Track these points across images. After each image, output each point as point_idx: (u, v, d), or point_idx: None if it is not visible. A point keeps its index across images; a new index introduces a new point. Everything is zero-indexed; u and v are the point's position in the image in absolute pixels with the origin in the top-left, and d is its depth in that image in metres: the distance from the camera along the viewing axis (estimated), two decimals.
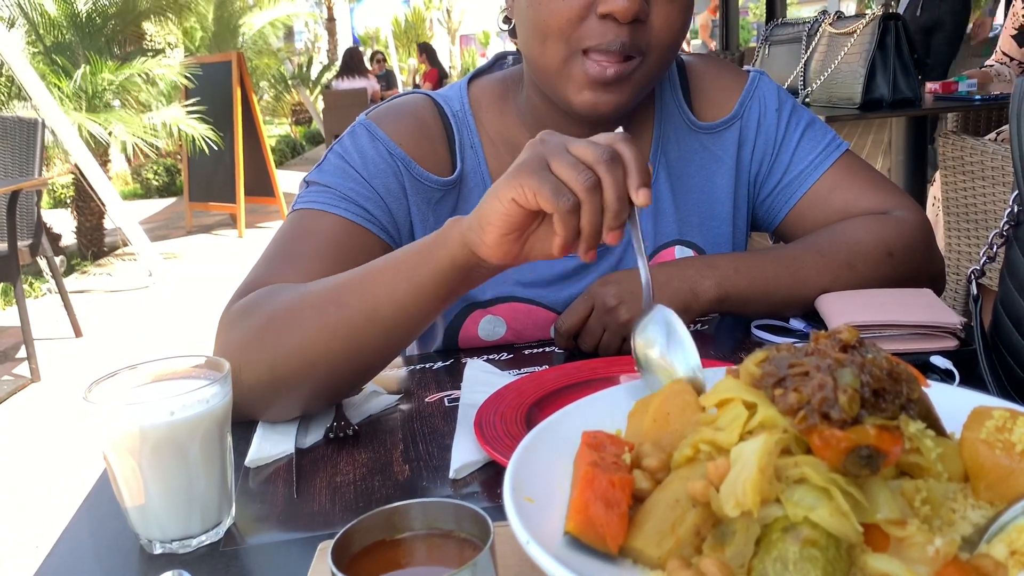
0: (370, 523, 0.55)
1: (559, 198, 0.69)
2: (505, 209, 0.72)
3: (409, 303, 0.82)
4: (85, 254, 6.54)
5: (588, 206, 0.70)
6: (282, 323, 0.86)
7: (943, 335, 0.91)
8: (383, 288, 0.82)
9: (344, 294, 0.84)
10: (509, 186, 0.72)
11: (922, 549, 0.44)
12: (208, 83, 7.12)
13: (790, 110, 1.18)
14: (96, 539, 0.73)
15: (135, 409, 0.66)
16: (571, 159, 0.71)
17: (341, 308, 0.84)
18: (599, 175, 0.70)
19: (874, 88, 2.75)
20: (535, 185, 0.70)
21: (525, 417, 0.84)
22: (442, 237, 0.79)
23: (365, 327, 0.83)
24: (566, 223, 0.70)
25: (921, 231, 1.11)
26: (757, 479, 0.45)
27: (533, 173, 0.71)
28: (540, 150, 0.73)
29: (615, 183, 0.70)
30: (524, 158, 0.73)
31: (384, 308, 0.82)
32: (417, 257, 0.81)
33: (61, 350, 4.33)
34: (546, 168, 0.71)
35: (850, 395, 0.46)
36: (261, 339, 0.85)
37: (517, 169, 0.72)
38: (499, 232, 0.74)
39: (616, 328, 1.01)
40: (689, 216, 1.15)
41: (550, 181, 0.70)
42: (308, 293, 0.87)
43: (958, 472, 0.53)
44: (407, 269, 0.81)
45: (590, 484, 0.49)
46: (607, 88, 0.97)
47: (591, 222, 0.70)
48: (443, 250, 0.79)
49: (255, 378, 0.84)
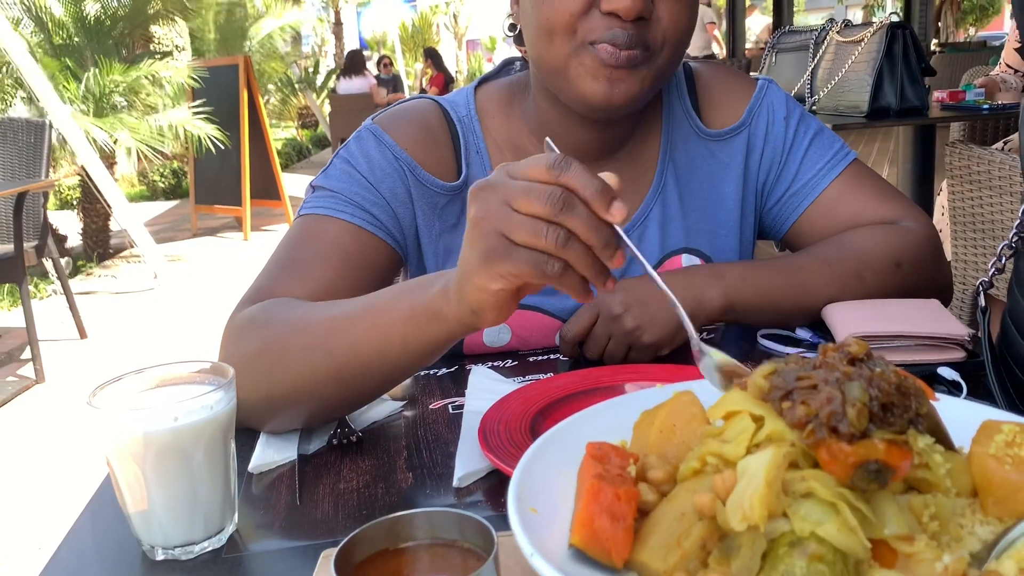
0: (373, 532, 0.55)
1: (545, 269, 0.66)
2: (497, 295, 0.70)
3: (402, 362, 0.82)
4: (91, 256, 6.56)
5: (574, 258, 0.66)
6: (273, 358, 0.85)
7: (951, 346, 0.91)
8: (374, 347, 0.81)
9: (332, 343, 0.83)
10: (488, 278, 0.68)
11: (930, 565, 0.43)
12: (215, 86, 7.14)
13: (798, 118, 1.17)
14: (99, 545, 0.73)
15: (139, 415, 0.66)
16: (527, 223, 0.65)
17: (329, 357, 0.83)
18: (564, 225, 0.65)
19: (881, 96, 2.75)
20: (514, 269, 0.66)
21: (530, 426, 0.83)
22: (434, 311, 0.76)
23: (354, 377, 0.83)
24: (567, 282, 0.67)
25: (929, 242, 1.11)
26: (764, 493, 0.45)
27: (504, 256, 0.67)
28: (489, 226, 0.68)
29: (583, 222, 0.65)
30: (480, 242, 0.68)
31: (375, 365, 0.82)
32: (410, 325, 0.79)
33: (66, 351, 4.33)
34: (510, 244, 0.67)
35: (859, 409, 0.46)
36: (254, 366, 0.85)
37: (484, 258, 0.68)
38: (496, 312, 0.72)
39: (621, 336, 1.00)
40: (696, 224, 1.15)
41: (525, 257, 0.66)
42: (300, 329, 0.86)
43: (966, 487, 0.52)
44: (400, 337, 0.79)
45: (595, 497, 0.49)
46: (620, 76, 0.96)
47: (587, 266, 0.66)
48: (438, 326, 0.77)
49: (250, 398, 0.84)
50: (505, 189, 0.67)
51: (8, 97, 6.32)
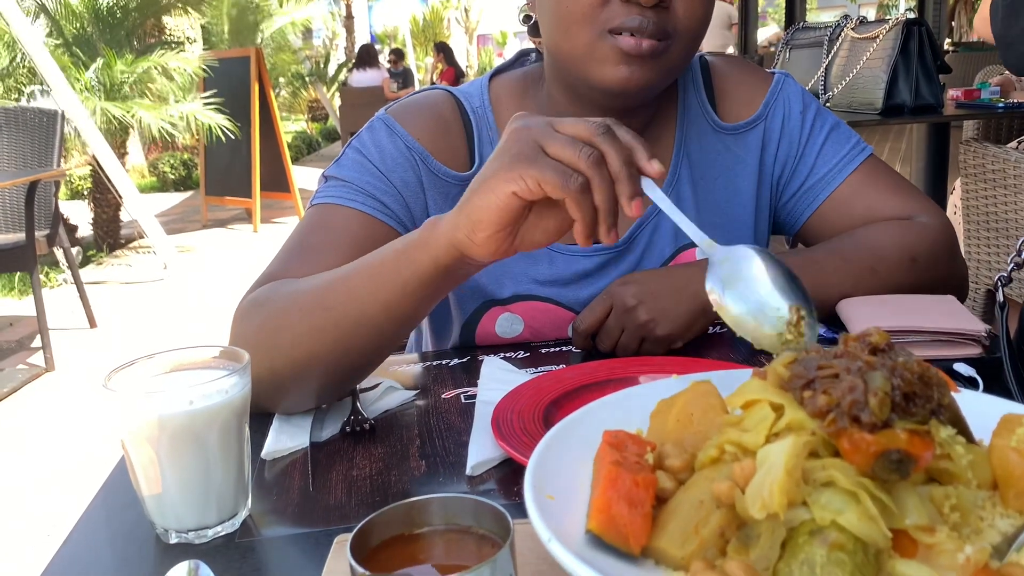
0: (389, 517, 0.55)
1: (567, 180, 0.66)
2: (501, 204, 0.69)
3: (393, 306, 0.81)
4: (101, 246, 6.58)
5: (598, 181, 0.66)
6: (275, 326, 0.86)
7: (967, 342, 0.90)
8: (367, 292, 0.82)
9: (329, 298, 0.84)
10: (506, 179, 0.68)
11: (952, 556, 0.43)
12: (226, 78, 7.15)
13: (815, 113, 1.17)
14: (112, 528, 0.73)
15: (154, 398, 0.66)
16: (565, 138, 0.67)
17: (327, 312, 0.83)
18: (599, 148, 0.67)
19: (896, 94, 2.73)
20: (536, 173, 0.66)
21: (543, 416, 0.83)
22: (423, 238, 0.77)
23: (353, 330, 0.83)
24: (580, 205, 0.67)
25: (945, 237, 1.10)
26: (784, 481, 0.44)
27: (531, 161, 0.67)
28: (527, 136, 0.69)
29: (619, 151, 0.67)
30: (514, 146, 0.69)
31: (369, 311, 0.82)
32: (399, 260, 0.80)
33: (76, 340, 4.35)
34: (542, 153, 0.68)
35: (881, 398, 0.45)
36: (257, 340, 0.86)
37: (511, 159, 0.68)
38: (493, 229, 0.71)
39: (634, 328, 1.00)
40: (711, 218, 1.14)
41: (551, 165, 0.67)
42: (299, 294, 0.87)
43: (987, 480, 0.52)
44: (389, 272, 0.80)
45: (613, 483, 0.49)
46: (641, 62, 0.96)
47: (605, 198, 0.67)
48: (425, 253, 0.77)
49: (258, 375, 0.84)
50: (553, 119, 0.70)
51: (21, 87, 6.34)
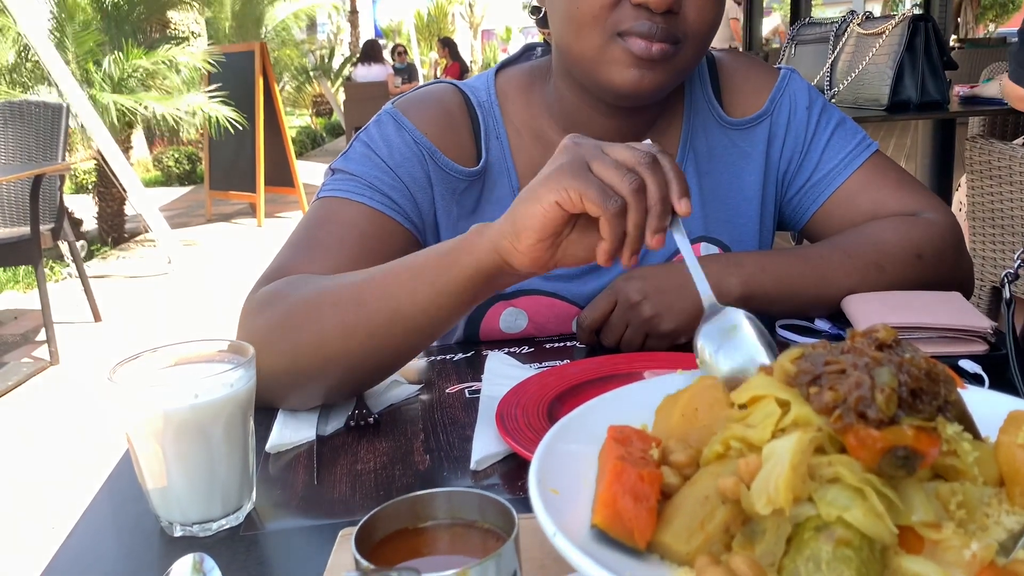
0: (394, 511, 0.55)
1: (607, 200, 0.69)
2: (545, 212, 0.71)
3: (431, 307, 0.81)
4: (106, 239, 6.60)
5: (635, 208, 0.69)
6: (302, 317, 0.86)
7: (972, 339, 0.90)
8: (405, 291, 0.82)
9: (365, 293, 0.84)
10: (551, 189, 0.71)
11: (958, 553, 0.43)
12: (231, 72, 7.15)
13: (820, 108, 1.16)
14: (117, 521, 0.74)
15: (159, 391, 0.66)
16: (612, 161, 0.70)
17: (361, 307, 0.83)
18: (643, 177, 0.69)
19: (902, 90, 2.72)
20: (580, 187, 0.69)
21: (547, 411, 0.83)
22: (468, 242, 0.78)
23: (385, 328, 0.83)
24: (613, 226, 0.69)
25: (951, 233, 1.10)
26: (790, 477, 0.44)
27: (576, 175, 0.70)
28: (577, 152, 0.72)
29: (659, 185, 0.69)
30: (562, 160, 0.72)
31: (405, 311, 0.82)
32: (442, 261, 0.80)
33: (80, 334, 4.37)
34: (588, 170, 0.71)
35: (888, 394, 0.45)
36: (281, 330, 0.85)
37: (558, 171, 0.71)
38: (536, 237, 0.72)
39: (639, 324, 1.00)
40: (716, 213, 1.14)
41: (595, 183, 0.69)
42: (329, 289, 0.87)
43: (993, 476, 0.51)
44: (431, 273, 0.81)
45: (619, 478, 0.48)
46: (651, 66, 0.96)
47: (637, 224, 0.69)
48: (469, 256, 0.78)
49: (274, 368, 0.84)
50: (604, 143, 0.74)
51: (27, 82, 6.35)
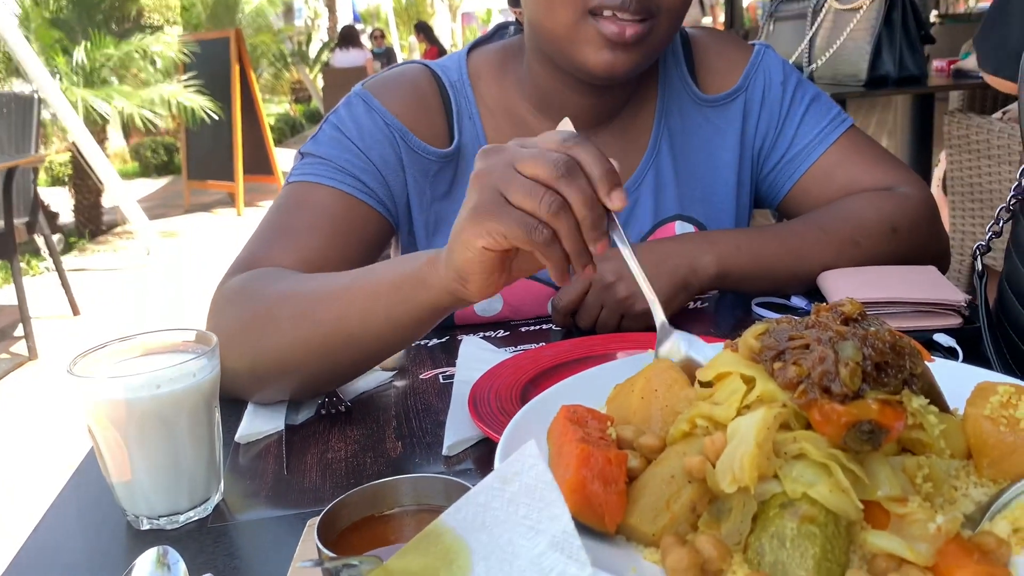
0: (358, 499, 0.54)
1: (531, 234, 0.65)
2: (480, 258, 0.68)
3: (387, 334, 0.80)
4: (83, 232, 6.52)
5: (563, 230, 0.65)
6: (261, 326, 0.84)
7: (947, 313, 0.90)
8: (359, 317, 0.80)
9: (320, 312, 0.82)
10: (476, 235, 0.67)
11: (923, 526, 0.43)
12: (206, 60, 7.06)
13: (795, 83, 1.15)
14: (83, 515, 0.72)
15: (120, 382, 0.65)
16: (526, 184, 0.65)
17: (317, 326, 0.82)
18: (561, 193, 0.64)
19: (880, 65, 2.71)
20: (502, 228, 0.65)
21: (520, 394, 0.82)
22: (421, 278, 0.76)
23: (340, 348, 0.82)
24: (549, 254, 0.66)
25: (926, 207, 1.09)
26: (755, 454, 0.44)
27: (494, 214, 0.66)
28: (489, 183, 0.67)
29: (581, 195, 0.64)
30: (477, 196, 0.68)
31: (359, 335, 0.80)
32: (396, 293, 0.78)
33: (59, 328, 4.32)
34: (504, 203, 0.66)
35: (852, 368, 0.44)
36: (243, 335, 0.84)
37: (476, 214, 0.67)
38: (482, 279, 0.70)
39: (614, 305, 0.99)
40: (691, 191, 1.13)
41: (515, 218, 0.65)
42: (288, 298, 0.85)
43: (961, 449, 0.51)
44: (385, 304, 0.78)
45: (586, 462, 0.48)
46: (625, 48, 0.95)
47: (572, 244, 0.65)
48: (424, 294, 0.76)
49: (236, 368, 0.83)
50: (513, 152, 0.67)
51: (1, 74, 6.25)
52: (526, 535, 0.42)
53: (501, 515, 0.43)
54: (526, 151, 0.66)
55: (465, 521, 0.44)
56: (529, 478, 0.43)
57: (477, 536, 0.43)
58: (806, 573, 0.40)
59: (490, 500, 0.43)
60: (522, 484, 0.43)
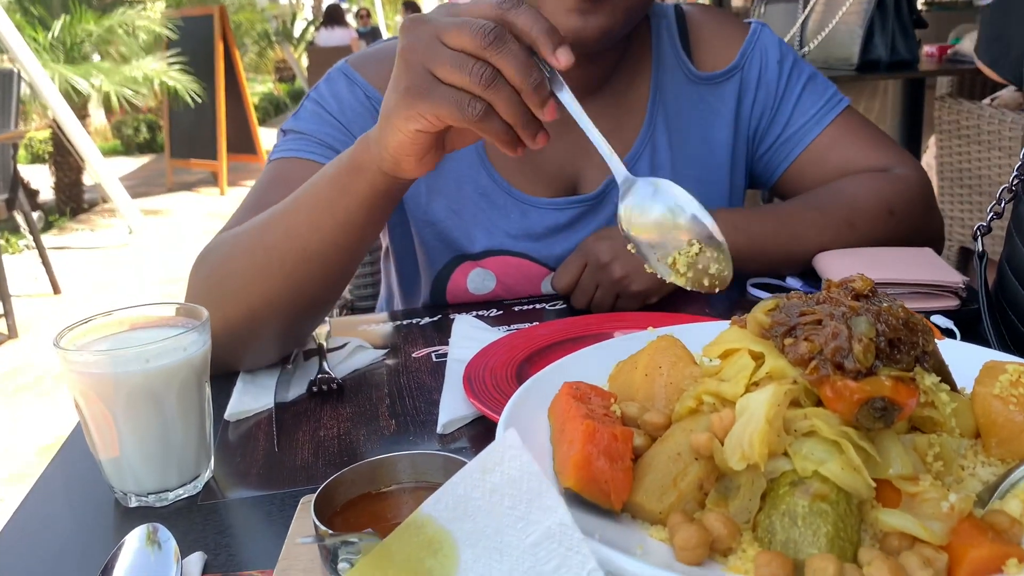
0: (355, 475, 0.53)
1: (464, 111, 0.62)
2: (412, 140, 0.67)
3: (338, 236, 0.79)
4: (64, 210, 6.43)
5: (499, 101, 0.61)
6: (222, 274, 0.84)
7: (944, 294, 0.89)
8: (308, 227, 0.79)
9: (269, 237, 0.81)
10: (406, 118, 0.65)
11: (936, 505, 0.42)
12: (190, 37, 6.95)
13: (792, 63, 1.14)
14: (69, 492, 0.71)
15: (109, 356, 0.63)
16: (454, 57, 0.62)
17: (270, 252, 0.81)
18: (491, 62, 0.61)
19: (872, 49, 2.71)
20: (432, 108, 0.63)
21: (516, 373, 0.81)
22: (356, 165, 0.74)
23: (299, 266, 0.80)
24: (488, 128, 0.63)
25: (922, 189, 1.09)
26: (765, 431, 0.43)
27: (424, 94, 0.63)
28: (415, 59, 0.64)
29: (514, 61, 0.60)
30: (405, 76, 0.65)
31: (314, 245, 0.79)
32: (335, 190, 0.77)
33: (39, 307, 4.26)
34: (433, 80, 0.63)
35: (865, 344, 0.44)
36: (208, 292, 0.83)
37: (405, 96, 0.64)
38: (415, 159, 0.69)
39: (609, 285, 0.98)
40: (686, 170, 1.12)
41: (445, 96, 0.62)
42: (239, 239, 0.84)
43: (969, 428, 0.51)
44: (328, 204, 0.78)
45: (591, 438, 0.47)
46: (594, 10, 0.92)
47: (513, 113, 0.62)
48: (361, 181, 0.75)
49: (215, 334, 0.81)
50: (438, 23, 0.63)
51: None
52: (515, 525, 0.41)
53: (484, 505, 0.42)
54: (451, 20, 0.63)
55: (447, 510, 0.42)
56: (512, 469, 0.41)
57: (460, 525, 0.42)
58: (819, 551, 0.39)
59: (470, 490, 0.42)
60: (504, 475, 0.41)
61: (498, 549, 0.41)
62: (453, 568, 0.42)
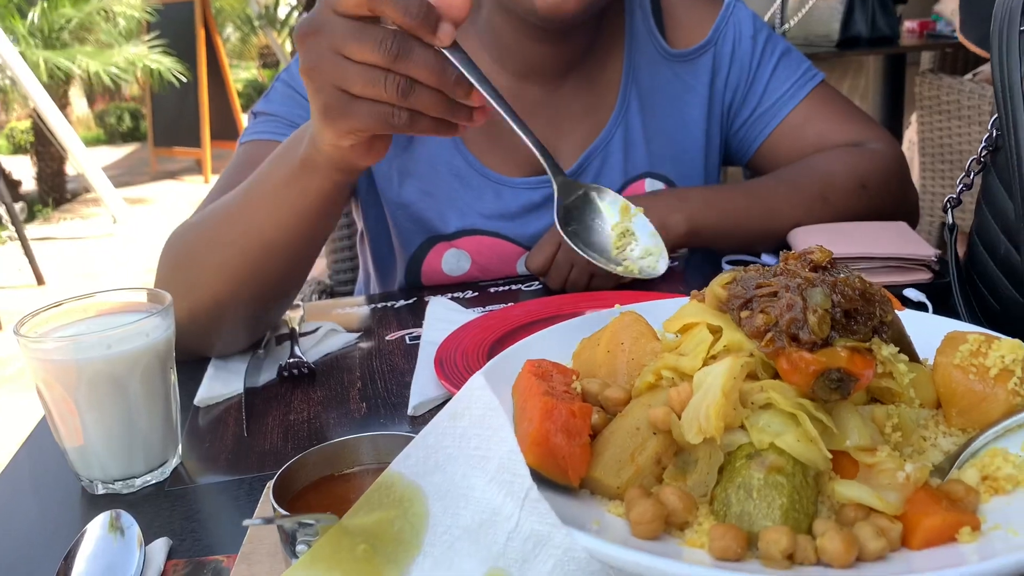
0: (316, 458, 0.52)
1: (390, 121, 0.63)
2: (350, 147, 0.69)
3: (301, 225, 0.80)
4: (47, 200, 6.37)
5: (423, 105, 0.63)
6: (187, 265, 0.84)
7: (917, 267, 0.89)
8: (267, 220, 0.79)
9: (230, 232, 0.81)
10: (335, 136, 0.67)
11: (892, 476, 0.42)
12: (171, 23, 6.87)
13: (765, 38, 1.13)
14: (36, 481, 0.70)
15: (69, 342, 0.62)
16: (364, 74, 0.62)
17: (231, 247, 0.81)
18: (399, 72, 0.61)
19: (852, 25, 2.70)
20: (358, 124, 0.65)
21: (487, 353, 0.81)
22: (309, 166, 0.75)
23: (261, 258, 0.81)
24: (418, 128, 0.64)
25: (896, 163, 1.09)
26: (721, 404, 0.42)
27: (344, 113, 0.65)
28: (324, 80, 0.64)
29: (424, 66, 0.61)
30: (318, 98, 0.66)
31: (272, 237, 0.80)
32: (293, 186, 0.77)
33: (23, 298, 4.23)
34: (349, 98, 0.64)
35: (820, 315, 0.43)
36: (175, 282, 0.83)
37: (325, 117, 0.66)
38: (363, 156, 0.71)
39: (584, 264, 0.98)
40: (660, 148, 1.11)
41: (366, 111, 0.64)
42: (202, 232, 0.85)
43: (930, 398, 0.51)
44: (286, 198, 0.78)
45: (549, 415, 0.46)
46: None
47: (438, 109, 0.63)
48: (317, 177, 0.75)
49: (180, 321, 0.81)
50: (332, 35, 0.63)
51: None
52: (480, 465, 0.42)
53: (454, 451, 0.42)
54: (345, 30, 0.62)
55: (416, 465, 0.42)
56: (478, 409, 0.42)
57: (430, 478, 0.42)
58: (773, 523, 0.39)
59: (441, 440, 0.42)
60: (471, 417, 0.42)
61: (464, 495, 0.41)
62: (423, 525, 0.42)
